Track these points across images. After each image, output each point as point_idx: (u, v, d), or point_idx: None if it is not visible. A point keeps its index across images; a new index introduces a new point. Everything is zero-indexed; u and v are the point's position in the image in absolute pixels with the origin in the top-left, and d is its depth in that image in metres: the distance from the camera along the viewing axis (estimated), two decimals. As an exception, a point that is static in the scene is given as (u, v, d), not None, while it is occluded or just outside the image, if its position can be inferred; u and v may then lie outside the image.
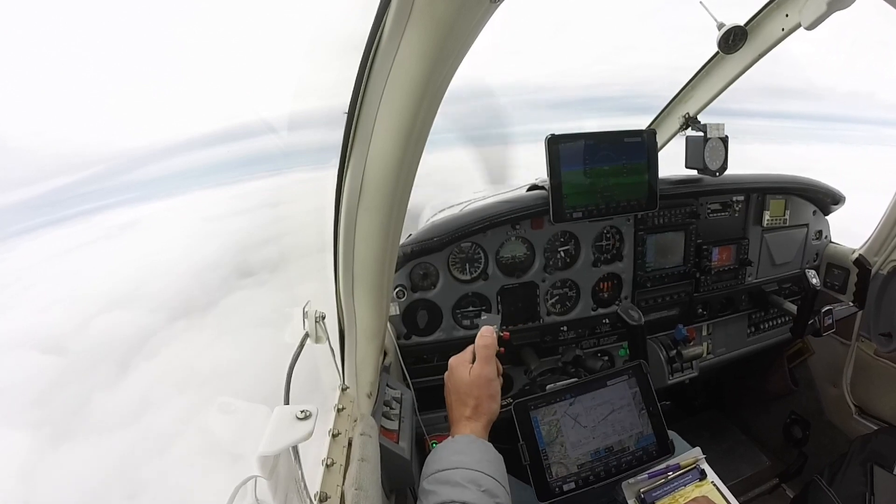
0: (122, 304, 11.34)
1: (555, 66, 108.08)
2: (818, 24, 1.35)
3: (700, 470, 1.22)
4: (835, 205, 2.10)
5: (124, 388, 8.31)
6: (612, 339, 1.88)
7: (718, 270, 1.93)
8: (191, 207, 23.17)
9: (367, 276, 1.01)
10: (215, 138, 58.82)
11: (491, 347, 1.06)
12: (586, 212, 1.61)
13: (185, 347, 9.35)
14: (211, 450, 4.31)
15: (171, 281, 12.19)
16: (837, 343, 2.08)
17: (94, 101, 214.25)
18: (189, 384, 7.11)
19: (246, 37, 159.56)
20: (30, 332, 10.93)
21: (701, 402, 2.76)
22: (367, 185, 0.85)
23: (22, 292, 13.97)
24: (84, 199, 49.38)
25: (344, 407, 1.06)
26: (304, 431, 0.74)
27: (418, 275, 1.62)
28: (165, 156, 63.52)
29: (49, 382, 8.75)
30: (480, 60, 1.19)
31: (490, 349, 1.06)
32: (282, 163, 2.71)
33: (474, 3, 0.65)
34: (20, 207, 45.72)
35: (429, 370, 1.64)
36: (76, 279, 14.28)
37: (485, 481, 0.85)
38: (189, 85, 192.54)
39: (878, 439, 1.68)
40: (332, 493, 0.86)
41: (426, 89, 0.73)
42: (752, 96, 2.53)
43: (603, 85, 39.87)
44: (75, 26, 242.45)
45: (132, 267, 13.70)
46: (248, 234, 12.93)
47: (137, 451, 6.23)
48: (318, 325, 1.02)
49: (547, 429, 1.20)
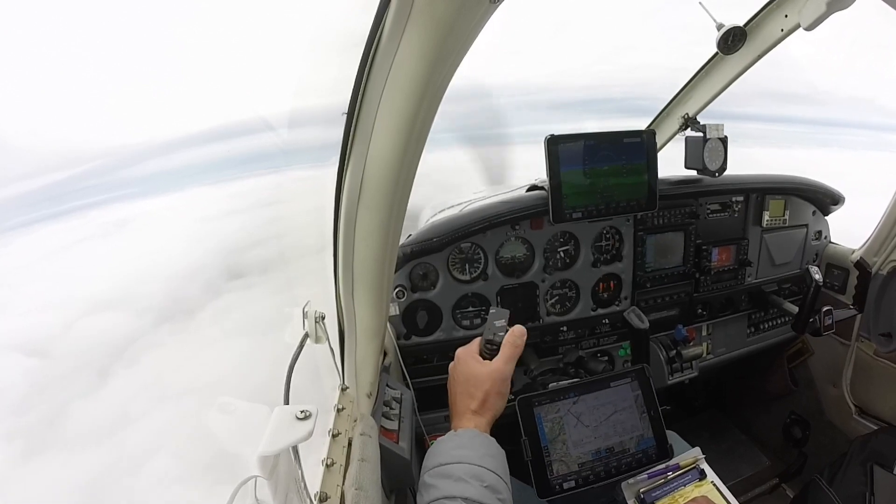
0: (113, 304, 11.27)
1: (554, 66, 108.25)
2: (818, 25, 1.35)
3: (700, 470, 1.22)
4: (834, 205, 2.10)
5: (124, 389, 8.27)
6: (611, 339, 1.88)
7: (718, 271, 1.93)
8: (189, 205, 23.11)
9: (367, 275, 1.00)
10: (215, 135, 58.81)
11: (518, 347, 1.06)
12: (586, 212, 1.61)
13: (184, 347, 9.33)
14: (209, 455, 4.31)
15: (171, 280, 12.15)
16: (837, 343, 2.08)
17: (93, 99, 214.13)
18: (189, 384, 7.09)
19: (246, 35, 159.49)
20: (16, 334, 10.78)
21: (701, 402, 2.76)
22: (366, 184, 0.85)
23: (10, 292, 13.84)
24: (82, 195, 49.28)
25: (344, 407, 1.06)
26: (304, 431, 0.75)
27: (418, 275, 1.62)
28: (164, 152, 63.46)
29: (35, 386, 8.62)
30: (481, 60, 1.19)
31: (517, 349, 1.06)
32: (281, 161, 2.71)
33: (474, 3, 0.65)
34: (16, 203, 45.58)
35: (428, 370, 1.64)
36: (70, 278, 14.18)
37: (487, 477, 0.85)
38: (188, 82, 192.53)
39: (878, 439, 1.68)
40: (332, 493, 0.85)
41: (426, 89, 0.73)
42: (754, 100, 2.54)
43: (603, 86, 39.91)
44: (75, 23, 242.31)
45: (130, 266, 13.64)
46: (248, 234, 12.90)
47: (137, 451, 6.20)
48: (318, 326, 1.02)
49: (550, 426, 1.20)
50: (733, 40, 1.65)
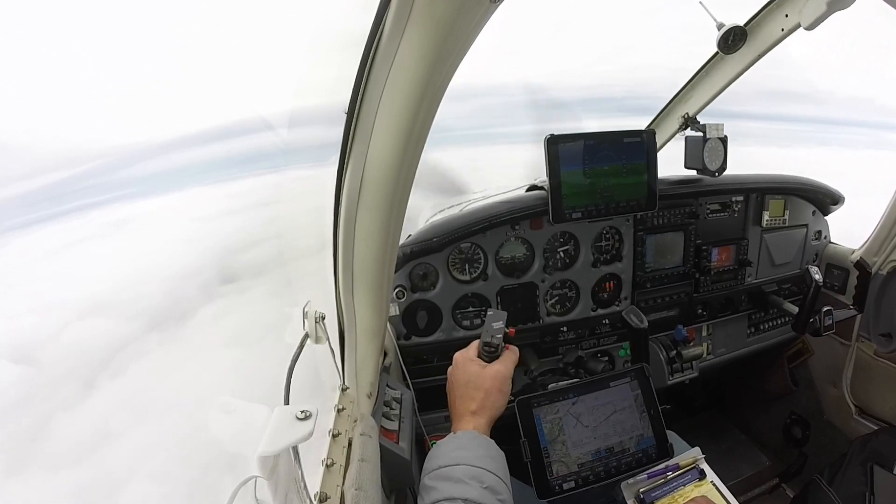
0: (112, 305, 11.23)
1: (555, 66, 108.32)
2: (818, 25, 1.35)
3: (699, 470, 1.22)
4: (834, 205, 2.10)
5: (124, 387, 8.26)
6: (611, 339, 1.88)
7: (718, 271, 1.93)
8: (188, 205, 23.06)
9: (367, 276, 1.00)
10: (215, 135, 58.65)
11: (517, 355, 1.12)
12: (586, 212, 1.61)
13: (183, 347, 9.33)
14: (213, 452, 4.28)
15: (169, 280, 12.14)
16: (837, 343, 2.08)
17: (92, 97, 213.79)
18: (188, 384, 7.08)
19: (245, 34, 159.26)
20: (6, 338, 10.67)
21: (701, 402, 2.76)
22: (366, 184, 0.85)
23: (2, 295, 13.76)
24: (81, 195, 49.02)
25: (344, 407, 1.06)
26: (304, 431, 0.75)
27: (418, 275, 1.62)
28: (163, 152, 63.23)
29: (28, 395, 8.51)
30: (481, 61, 1.19)
31: (517, 355, 1.12)
32: (281, 160, 2.70)
33: (474, 3, 0.65)
34: (14, 203, 45.40)
35: (429, 370, 1.64)
36: (68, 278, 14.12)
37: (487, 478, 0.85)
38: (188, 82, 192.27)
39: (878, 439, 1.68)
40: (331, 494, 0.85)
41: (426, 89, 0.73)
42: (754, 99, 2.53)
43: (603, 86, 39.85)
44: (75, 21, 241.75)
45: (128, 267, 13.60)
46: (248, 234, 12.88)
47: (135, 451, 6.17)
48: (318, 326, 1.02)
49: (549, 427, 1.20)
50: (734, 40, 1.65)
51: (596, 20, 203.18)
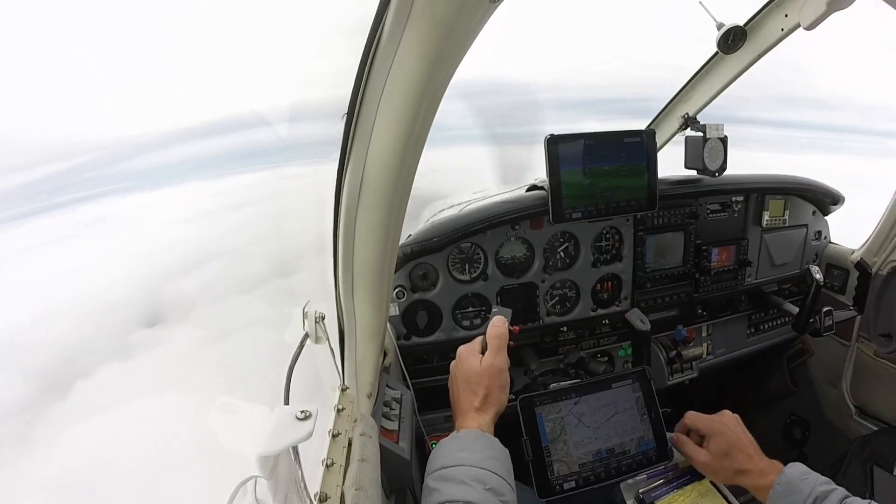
0: (110, 304, 11.20)
1: (555, 66, 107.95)
2: (818, 25, 1.35)
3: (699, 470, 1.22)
4: (834, 205, 2.10)
5: (124, 387, 8.26)
6: (612, 339, 1.88)
7: (718, 271, 1.93)
8: (186, 200, 23.04)
9: (367, 276, 1.00)
10: (213, 129, 58.56)
11: (503, 338, 1.05)
12: (586, 212, 1.61)
13: (183, 347, 9.33)
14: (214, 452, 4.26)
15: (168, 279, 12.13)
16: (837, 344, 2.08)
17: (92, 91, 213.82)
18: (189, 384, 7.08)
19: (245, 31, 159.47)
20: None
21: (701, 402, 2.75)
22: (366, 184, 0.85)
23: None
24: (78, 188, 48.80)
25: (344, 407, 1.06)
26: (304, 431, 0.75)
27: (418, 275, 1.61)
28: (161, 146, 63.01)
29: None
30: (481, 61, 1.19)
31: (502, 339, 1.05)
32: (280, 157, 2.71)
33: (474, 4, 0.65)
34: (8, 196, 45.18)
35: (429, 371, 1.64)
36: (68, 274, 14.09)
37: (490, 479, 0.84)
38: (187, 77, 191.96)
39: (877, 440, 1.68)
40: (331, 494, 0.85)
41: (426, 89, 0.73)
42: (769, 104, 2.52)
43: (604, 87, 39.87)
44: (75, 18, 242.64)
45: (126, 263, 13.59)
46: (248, 234, 12.89)
47: (133, 447, 6.16)
48: (318, 326, 1.02)
49: (551, 426, 1.20)
50: (733, 40, 1.65)
51: (596, 20, 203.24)
